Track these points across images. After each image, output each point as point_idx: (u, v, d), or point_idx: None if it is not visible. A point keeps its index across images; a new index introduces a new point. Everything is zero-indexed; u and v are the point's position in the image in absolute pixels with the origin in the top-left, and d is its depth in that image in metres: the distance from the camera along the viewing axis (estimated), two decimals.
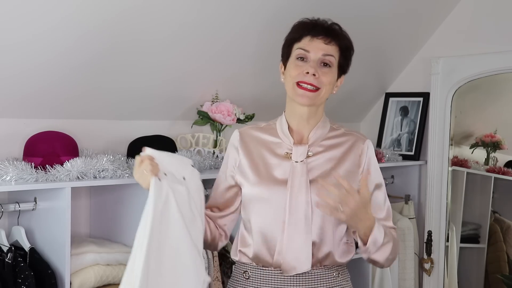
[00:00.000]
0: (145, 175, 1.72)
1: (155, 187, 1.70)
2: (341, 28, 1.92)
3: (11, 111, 2.32)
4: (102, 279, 2.25)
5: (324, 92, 1.86)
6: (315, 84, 1.83)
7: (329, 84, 1.86)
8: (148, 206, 1.69)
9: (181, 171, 1.82)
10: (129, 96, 2.59)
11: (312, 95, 1.84)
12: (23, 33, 2.07)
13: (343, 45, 1.90)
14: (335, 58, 1.87)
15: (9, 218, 2.29)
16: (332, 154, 1.90)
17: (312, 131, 1.92)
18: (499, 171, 3.50)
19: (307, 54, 1.85)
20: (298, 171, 1.86)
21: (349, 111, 3.65)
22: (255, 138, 1.96)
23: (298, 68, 1.85)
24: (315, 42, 1.86)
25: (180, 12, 2.40)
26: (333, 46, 1.87)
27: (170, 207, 1.72)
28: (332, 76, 1.87)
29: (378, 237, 1.79)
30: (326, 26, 1.89)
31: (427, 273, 3.41)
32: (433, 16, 3.39)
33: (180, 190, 1.77)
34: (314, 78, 1.83)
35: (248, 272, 1.90)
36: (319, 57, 1.85)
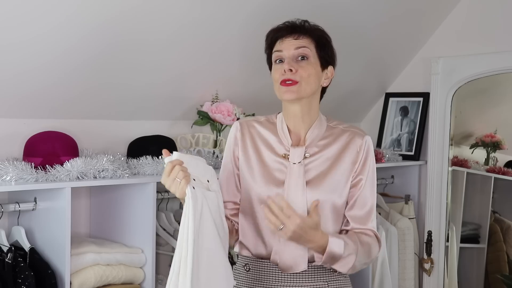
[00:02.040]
0: (177, 183, 1.67)
1: (192, 196, 1.67)
2: (310, 23, 1.94)
3: (11, 111, 2.32)
4: (102, 279, 2.25)
5: (305, 84, 1.86)
6: (293, 78, 1.85)
7: (309, 76, 1.86)
8: (187, 217, 1.66)
9: (205, 174, 1.80)
10: (129, 96, 2.59)
11: (294, 88, 1.85)
12: (23, 34, 2.07)
13: (315, 36, 1.91)
14: (309, 49, 1.88)
15: (9, 218, 2.29)
16: (329, 154, 1.91)
17: (308, 131, 1.92)
18: (499, 171, 3.50)
19: (281, 54, 1.89)
20: (295, 172, 1.87)
21: (349, 111, 3.65)
22: (256, 132, 1.96)
23: (277, 70, 1.89)
24: (286, 41, 1.89)
25: (180, 12, 2.40)
26: (303, 39, 1.89)
27: (205, 216, 1.70)
28: (311, 67, 1.87)
29: (335, 252, 1.78)
30: (292, 25, 1.92)
31: (427, 273, 3.41)
32: (433, 16, 3.39)
33: (211, 196, 1.75)
34: (291, 73, 1.85)
35: (248, 265, 1.92)
36: (292, 53, 1.87)
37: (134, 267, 2.36)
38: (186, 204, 1.67)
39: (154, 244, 2.36)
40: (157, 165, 2.42)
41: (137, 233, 2.39)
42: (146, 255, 2.36)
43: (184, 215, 1.67)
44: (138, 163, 2.43)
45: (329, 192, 1.87)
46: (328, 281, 1.89)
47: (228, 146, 1.99)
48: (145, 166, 2.42)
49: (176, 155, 1.71)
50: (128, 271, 2.33)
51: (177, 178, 1.67)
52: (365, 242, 1.87)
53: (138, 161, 2.44)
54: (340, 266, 1.82)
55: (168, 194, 2.56)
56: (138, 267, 2.37)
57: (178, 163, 1.69)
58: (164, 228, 2.56)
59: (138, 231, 2.39)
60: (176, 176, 1.67)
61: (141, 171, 2.42)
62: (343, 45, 2.02)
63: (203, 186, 1.76)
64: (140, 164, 2.43)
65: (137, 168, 2.42)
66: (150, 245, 2.35)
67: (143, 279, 2.37)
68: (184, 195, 1.68)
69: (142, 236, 2.38)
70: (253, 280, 1.90)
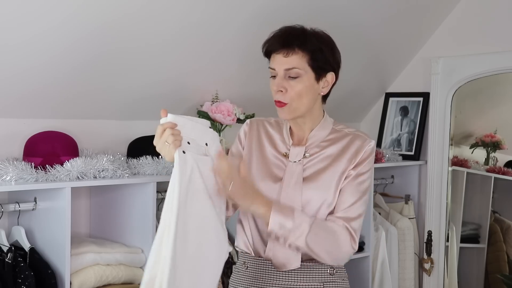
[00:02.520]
0: (167, 146, 1.64)
1: (180, 161, 1.61)
2: (304, 30, 1.86)
3: (11, 111, 2.32)
4: (102, 279, 2.25)
5: (295, 104, 1.84)
6: (282, 100, 1.83)
7: (299, 96, 1.83)
8: (174, 181, 1.61)
9: (203, 136, 1.74)
10: (129, 96, 2.59)
11: (284, 109, 1.84)
12: (24, 33, 2.07)
13: (308, 49, 1.83)
14: (299, 68, 1.82)
15: (9, 218, 2.29)
16: (329, 153, 1.90)
17: (311, 132, 1.92)
18: (499, 171, 3.50)
19: (274, 71, 1.86)
20: (293, 170, 1.88)
21: (349, 111, 3.65)
22: (263, 130, 1.99)
23: (272, 86, 1.87)
24: (276, 58, 1.85)
25: (181, 13, 2.40)
26: (293, 56, 1.82)
27: (195, 182, 1.65)
28: (302, 85, 1.83)
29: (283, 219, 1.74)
30: (284, 38, 1.85)
31: (427, 273, 3.41)
32: (433, 16, 3.39)
33: (204, 161, 1.69)
34: (281, 94, 1.83)
35: (246, 263, 1.92)
36: (282, 72, 1.84)
37: (134, 267, 2.36)
38: (174, 168, 1.62)
39: None
40: (157, 165, 2.42)
41: (137, 233, 2.39)
42: (146, 255, 2.36)
43: (171, 179, 1.62)
44: (138, 163, 2.43)
45: (324, 189, 1.85)
46: (324, 282, 1.88)
47: (235, 142, 2.02)
48: (145, 166, 2.42)
49: (171, 117, 1.66)
50: (128, 271, 2.33)
51: (166, 142, 1.64)
52: (327, 224, 1.80)
53: (138, 161, 2.44)
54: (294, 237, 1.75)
55: None
56: (138, 267, 2.37)
57: (170, 125, 1.65)
58: None
59: (138, 231, 2.39)
60: (166, 139, 1.64)
61: (141, 171, 2.42)
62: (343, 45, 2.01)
63: (200, 150, 1.70)
64: (140, 164, 2.43)
65: (137, 168, 2.42)
66: (150, 245, 2.31)
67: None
68: (172, 159, 1.64)
69: (142, 236, 2.38)
70: (250, 278, 1.91)
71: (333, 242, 1.79)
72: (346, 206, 1.83)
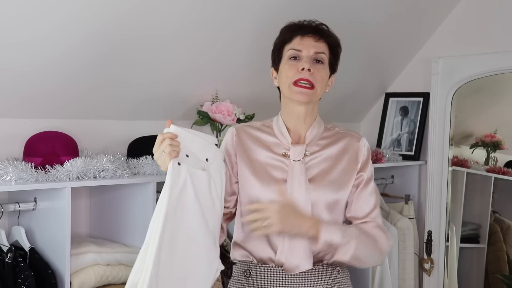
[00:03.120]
0: (164, 156, 1.66)
1: (172, 172, 1.63)
2: (328, 28, 1.95)
3: (11, 111, 2.32)
4: (102, 279, 2.25)
5: (319, 90, 1.88)
6: (311, 80, 1.85)
7: (322, 81, 1.89)
8: (164, 192, 1.62)
9: (204, 152, 1.74)
10: (129, 96, 2.59)
11: (309, 92, 1.86)
12: (23, 34, 2.07)
13: (332, 43, 1.92)
14: (326, 55, 1.90)
15: (9, 218, 2.29)
16: (329, 153, 1.92)
17: (308, 130, 1.93)
18: (499, 171, 3.50)
19: (299, 53, 1.88)
20: (296, 170, 1.87)
21: (349, 111, 3.65)
22: (252, 137, 1.96)
23: (293, 67, 1.87)
24: (306, 41, 1.88)
25: (181, 13, 2.40)
26: (322, 43, 1.90)
27: (187, 194, 1.65)
28: (325, 72, 1.90)
29: (332, 238, 1.78)
30: (314, 26, 1.92)
31: (427, 273, 3.41)
32: (433, 16, 3.39)
33: (200, 175, 1.70)
34: (309, 74, 1.85)
35: (249, 270, 1.90)
36: (311, 54, 1.87)
37: None
38: (166, 178, 1.64)
39: None
40: (157, 165, 2.42)
41: (137, 233, 2.39)
42: None
43: (163, 189, 1.63)
44: (138, 163, 2.43)
45: (332, 190, 1.87)
46: (332, 283, 1.89)
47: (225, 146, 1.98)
48: (145, 166, 2.42)
49: (173, 129, 1.68)
50: (128, 271, 2.31)
51: (163, 151, 1.66)
52: (366, 231, 1.87)
53: (138, 161, 2.44)
54: (342, 254, 1.80)
55: None
56: None
57: (170, 136, 1.67)
58: None
59: (138, 231, 2.39)
60: (163, 149, 1.66)
61: (141, 171, 2.42)
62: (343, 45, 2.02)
63: (198, 164, 1.70)
64: (140, 164, 2.43)
65: (137, 168, 2.42)
66: None
67: None
68: (166, 168, 1.66)
69: (142, 236, 2.34)
70: (254, 286, 1.89)
71: (375, 246, 1.87)
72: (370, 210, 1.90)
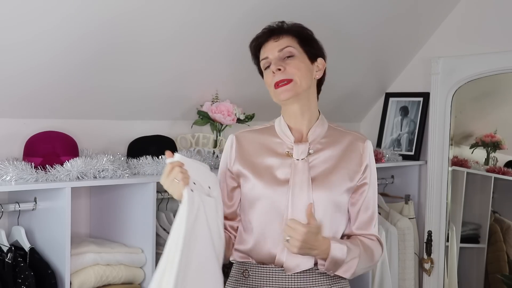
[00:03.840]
0: (176, 184, 1.67)
1: (188, 199, 1.65)
2: (287, 23, 1.96)
3: (11, 111, 2.32)
4: (102, 279, 2.25)
5: (299, 79, 1.87)
6: (285, 77, 1.86)
7: (299, 70, 1.88)
8: (181, 219, 1.64)
9: (207, 179, 1.79)
10: (129, 96, 2.59)
11: (288, 87, 1.87)
12: (23, 33, 2.07)
13: (295, 33, 1.93)
14: (293, 47, 1.90)
15: (9, 218, 2.29)
16: (332, 152, 1.92)
17: (311, 129, 1.93)
18: (499, 171, 3.50)
19: (267, 59, 1.91)
20: (299, 169, 1.87)
21: (349, 111, 3.65)
22: (253, 140, 1.96)
23: (268, 75, 1.91)
24: (267, 46, 1.92)
25: (181, 12, 2.40)
26: (284, 38, 1.91)
27: (200, 221, 1.68)
28: (299, 62, 1.89)
29: (337, 257, 1.81)
30: (270, 29, 1.94)
31: (427, 273, 3.41)
32: (433, 16, 3.39)
33: (209, 202, 1.73)
34: (281, 73, 1.87)
35: (248, 271, 1.90)
36: (277, 54, 1.89)
37: (134, 267, 2.36)
38: (182, 206, 1.65)
39: (154, 244, 2.36)
40: (157, 165, 2.42)
41: (137, 233, 2.39)
42: (146, 255, 2.36)
43: (178, 216, 1.65)
44: (138, 163, 2.43)
45: (335, 190, 1.88)
46: (331, 283, 1.89)
47: (223, 159, 1.99)
48: (145, 166, 2.42)
49: (178, 157, 1.70)
50: (128, 271, 2.33)
51: (175, 179, 1.67)
52: (367, 246, 1.89)
53: (138, 161, 2.44)
54: (343, 271, 1.83)
55: (168, 194, 2.56)
56: (138, 267, 2.37)
57: (179, 164, 1.69)
58: (164, 228, 2.56)
59: (138, 231, 2.39)
60: (175, 177, 1.67)
61: (141, 171, 2.42)
62: (343, 45, 2.03)
63: (203, 191, 1.74)
64: (140, 164, 2.43)
65: (137, 168, 2.42)
66: (150, 245, 2.35)
67: (143, 279, 2.37)
68: (181, 196, 1.67)
69: (142, 236, 2.38)
70: (252, 286, 1.89)
71: (371, 259, 1.91)
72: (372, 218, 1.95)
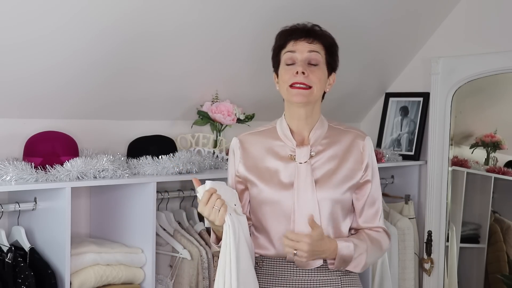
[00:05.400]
0: (216, 211, 1.75)
1: (231, 224, 1.75)
2: (321, 28, 1.98)
3: (11, 111, 2.32)
4: (102, 279, 2.25)
5: (316, 90, 1.91)
6: (306, 82, 1.89)
7: (319, 81, 1.91)
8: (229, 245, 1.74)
9: (232, 198, 1.86)
10: (129, 96, 2.59)
11: (305, 92, 1.89)
12: (24, 35, 2.07)
13: (326, 43, 1.95)
14: (320, 55, 1.93)
15: (9, 218, 2.29)
16: (334, 152, 1.95)
17: (311, 131, 1.96)
18: (499, 171, 3.50)
19: (294, 55, 1.92)
20: (302, 172, 1.90)
21: (349, 111, 3.65)
22: (256, 143, 1.99)
23: (288, 72, 1.91)
24: (299, 44, 1.93)
25: (181, 13, 2.40)
26: (316, 44, 1.93)
27: (241, 240, 1.78)
28: (321, 73, 1.92)
29: (346, 255, 1.87)
30: (307, 29, 1.96)
31: (427, 273, 3.41)
32: (433, 16, 3.39)
33: (243, 220, 1.82)
34: (304, 77, 1.89)
35: (263, 261, 1.95)
36: (305, 56, 1.91)
37: (134, 267, 2.36)
38: (226, 232, 1.75)
39: (154, 244, 2.36)
40: (157, 165, 2.42)
41: (137, 233, 2.39)
42: (146, 255, 2.37)
43: (225, 243, 1.74)
44: (138, 163, 2.43)
45: (337, 190, 1.92)
46: (340, 275, 1.94)
47: (230, 164, 2.02)
48: (145, 166, 2.42)
49: (210, 184, 1.77)
50: (128, 271, 2.33)
51: (215, 207, 1.75)
52: (374, 238, 1.95)
53: (138, 161, 2.44)
54: (353, 267, 1.90)
55: (168, 194, 2.56)
56: (138, 267, 2.37)
57: (214, 191, 1.76)
58: (164, 228, 2.56)
59: (138, 231, 2.39)
60: (215, 205, 1.75)
61: (141, 171, 2.42)
62: (343, 45, 2.03)
63: (233, 211, 1.82)
64: (140, 164, 2.43)
65: (137, 168, 2.42)
66: (150, 245, 2.35)
67: (143, 279, 2.37)
68: (223, 222, 1.75)
69: (142, 236, 2.38)
70: (267, 275, 1.94)
71: (380, 249, 1.98)
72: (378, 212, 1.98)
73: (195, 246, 2.49)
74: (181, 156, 2.48)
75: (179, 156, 2.48)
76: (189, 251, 2.47)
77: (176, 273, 2.47)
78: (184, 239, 2.51)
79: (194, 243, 2.51)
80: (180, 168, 2.44)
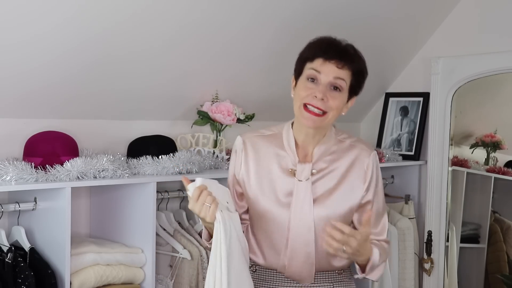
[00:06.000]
0: (207, 208, 1.70)
1: (222, 220, 1.71)
2: (356, 50, 1.88)
3: (11, 111, 2.32)
4: (102, 279, 2.25)
5: (331, 116, 1.83)
6: (322, 108, 1.81)
7: (337, 108, 1.84)
8: (220, 243, 1.71)
9: (224, 195, 1.83)
10: (129, 96, 2.59)
11: (317, 119, 1.82)
12: (24, 34, 2.07)
13: (356, 69, 1.86)
14: (346, 82, 1.83)
15: (9, 218, 2.29)
16: (336, 170, 1.90)
17: (317, 146, 1.90)
18: (499, 171, 3.50)
19: (318, 75, 1.81)
20: (301, 190, 1.86)
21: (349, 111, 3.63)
22: (260, 147, 1.94)
23: (307, 90, 1.82)
24: (328, 65, 1.81)
25: (181, 13, 2.40)
26: (345, 70, 1.83)
27: (233, 238, 1.75)
28: (341, 100, 1.84)
29: (375, 262, 1.85)
30: (340, 49, 1.84)
31: (427, 273, 3.40)
32: (433, 16, 3.39)
33: (234, 217, 1.78)
34: (322, 102, 1.80)
35: (255, 266, 1.95)
36: (329, 80, 1.81)
37: (134, 267, 2.36)
38: (217, 229, 1.71)
39: (154, 244, 2.36)
40: (157, 165, 2.42)
41: (137, 233, 2.39)
42: (146, 255, 2.36)
43: (216, 240, 1.71)
44: (138, 163, 2.43)
45: (336, 208, 1.88)
46: (333, 282, 1.92)
47: (232, 164, 1.99)
48: (145, 166, 2.42)
49: (201, 181, 1.73)
50: (128, 271, 2.33)
51: (206, 203, 1.69)
52: (385, 249, 1.94)
53: (138, 161, 2.44)
54: (374, 274, 1.88)
55: (168, 194, 2.56)
56: (138, 267, 2.37)
57: (205, 188, 1.71)
58: (164, 228, 2.56)
59: (138, 231, 2.39)
60: (205, 201, 1.69)
61: (141, 171, 2.42)
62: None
63: (225, 208, 1.78)
64: (140, 164, 2.43)
65: (137, 168, 2.42)
66: (150, 245, 2.35)
67: (143, 279, 2.37)
68: (214, 219, 1.70)
69: (142, 236, 2.38)
70: (259, 280, 1.93)
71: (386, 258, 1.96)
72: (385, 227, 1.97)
73: (195, 246, 2.49)
74: (181, 156, 2.48)
75: (179, 156, 2.48)
76: (189, 251, 2.47)
77: (176, 273, 2.48)
78: (184, 239, 2.51)
79: (194, 243, 2.51)
80: (180, 168, 2.44)
